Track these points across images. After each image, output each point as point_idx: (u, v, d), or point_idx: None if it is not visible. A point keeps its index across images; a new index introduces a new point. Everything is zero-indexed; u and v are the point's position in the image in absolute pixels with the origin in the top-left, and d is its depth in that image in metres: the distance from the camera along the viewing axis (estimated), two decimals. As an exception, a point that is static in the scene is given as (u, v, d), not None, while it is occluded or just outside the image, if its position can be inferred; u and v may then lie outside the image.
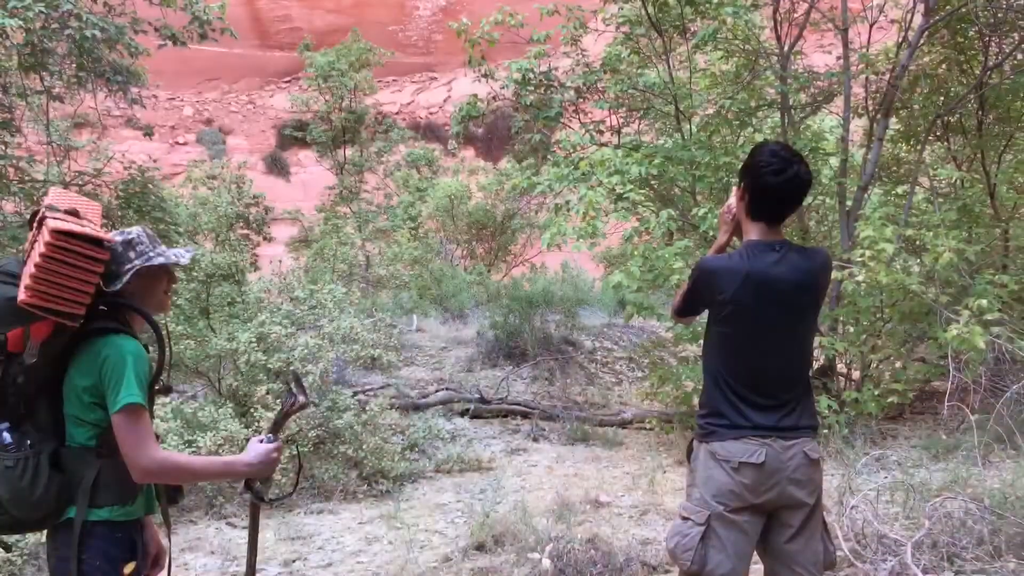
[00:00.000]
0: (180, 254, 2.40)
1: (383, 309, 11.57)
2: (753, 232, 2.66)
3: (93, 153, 13.56)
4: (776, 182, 2.55)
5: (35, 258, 2.04)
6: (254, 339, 6.50)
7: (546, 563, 4.42)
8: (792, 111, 8.76)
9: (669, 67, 8.90)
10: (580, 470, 6.96)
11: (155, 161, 10.62)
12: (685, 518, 2.64)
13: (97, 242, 2.09)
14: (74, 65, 8.68)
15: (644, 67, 9.30)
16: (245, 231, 15.47)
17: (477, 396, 8.96)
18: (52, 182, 9.25)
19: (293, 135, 23.08)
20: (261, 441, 2.36)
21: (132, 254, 2.27)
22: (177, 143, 34.35)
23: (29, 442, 2.16)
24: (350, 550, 5.17)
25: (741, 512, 2.56)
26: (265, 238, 16.79)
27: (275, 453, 2.34)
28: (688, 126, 9.11)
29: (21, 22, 7.00)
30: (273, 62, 38.34)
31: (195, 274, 7.13)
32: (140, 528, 2.30)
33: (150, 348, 2.37)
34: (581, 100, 9.21)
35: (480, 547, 4.85)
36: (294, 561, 4.99)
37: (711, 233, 7.46)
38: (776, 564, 2.66)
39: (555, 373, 10.32)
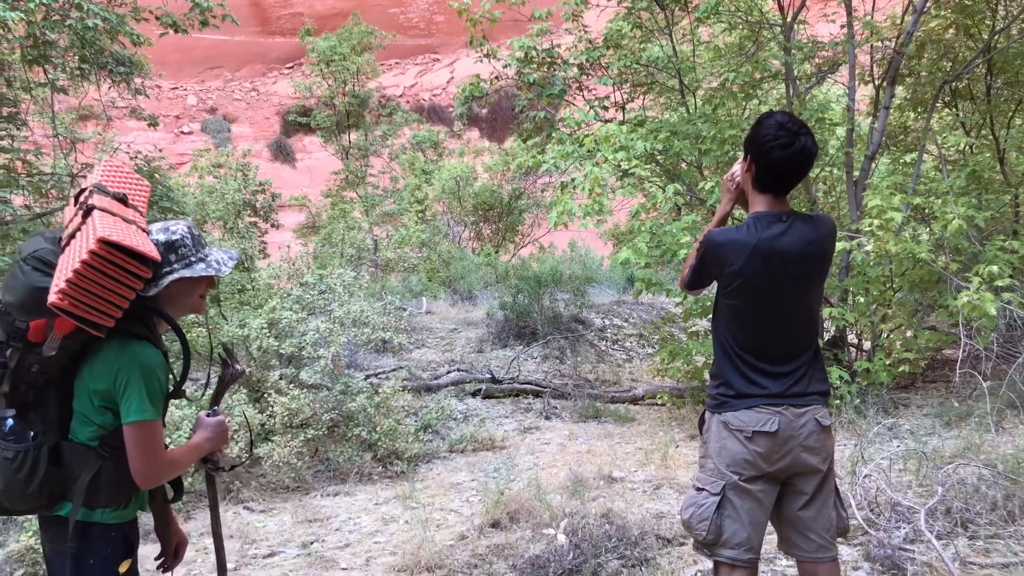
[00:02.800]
0: (223, 261, 2.33)
1: (392, 292, 11.60)
2: (759, 204, 2.66)
3: (99, 145, 13.62)
4: (783, 155, 2.54)
5: (75, 263, 1.94)
6: (265, 325, 6.54)
7: (561, 538, 4.46)
8: (797, 82, 8.69)
9: (672, 41, 8.84)
10: (593, 447, 6.99)
11: (161, 151, 10.62)
12: (699, 489, 2.66)
13: (143, 259, 2.02)
14: (77, 57, 8.68)
15: (647, 42, 9.24)
16: (253, 219, 15.51)
17: (488, 376, 8.99)
18: (60, 175, 9.30)
19: (297, 121, 23.05)
20: (208, 415, 2.40)
21: (173, 257, 2.20)
22: (182, 132, 34.35)
23: (32, 434, 2.14)
24: (367, 531, 5.22)
25: (755, 481, 2.58)
26: (273, 225, 16.80)
27: (225, 422, 2.40)
28: (693, 100, 9.07)
29: (22, 14, 7.00)
30: (275, 48, 38.22)
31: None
32: (134, 527, 2.32)
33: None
34: (584, 77, 9.16)
35: (495, 524, 4.88)
36: (312, 543, 5.04)
37: (718, 207, 7.43)
38: (790, 531, 2.68)
39: (565, 351, 10.35)
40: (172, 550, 2.56)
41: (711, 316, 2.81)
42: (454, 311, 13.47)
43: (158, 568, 2.60)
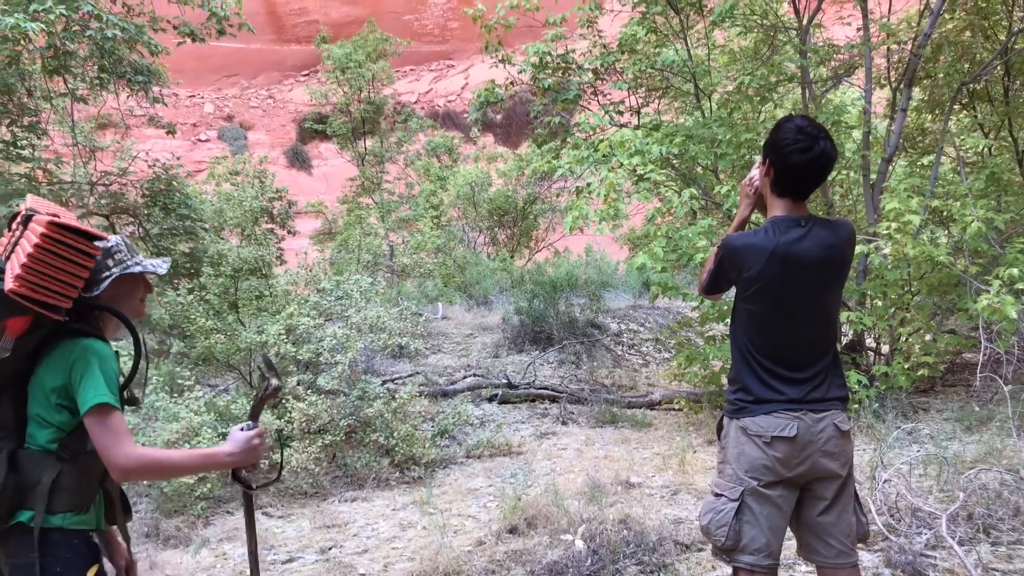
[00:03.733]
0: (157, 264, 2.40)
1: (408, 298, 11.63)
2: (778, 208, 2.65)
3: (117, 153, 13.74)
4: (803, 160, 2.53)
5: (27, 248, 2.03)
6: (283, 331, 6.58)
7: (579, 544, 4.45)
8: (813, 85, 8.66)
9: (687, 45, 8.83)
10: (610, 452, 6.97)
11: (178, 159, 10.73)
12: (718, 494, 2.65)
13: (90, 237, 2.10)
14: (96, 67, 8.79)
15: (661, 46, 9.24)
16: (270, 225, 15.60)
17: (504, 381, 8.99)
18: (80, 183, 9.41)
19: (313, 128, 23.17)
20: (242, 429, 2.32)
21: (111, 262, 2.27)
22: (199, 140, 34.61)
23: None
24: (385, 536, 5.23)
25: (774, 486, 2.56)
26: (289, 232, 16.92)
27: (256, 440, 2.30)
28: (708, 104, 9.05)
29: (43, 25, 7.10)
30: (291, 56, 38.46)
31: (223, 269, 7.20)
32: (99, 537, 2.27)
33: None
34: (599, 81, 9.17)
35: (513, 530, 4.88)
36: (330, 548, 5.06)
37: (734, 211, 7.42)
38: (810, 537, 2.66)
39: (581, 356, 10.33)
40: (124, 571, 2.50)
41: (729, 320, 2.80)
42: (470, 316, 13.48)
43: None
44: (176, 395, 6.20)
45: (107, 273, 2.26)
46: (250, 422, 2.39)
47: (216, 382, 7.78)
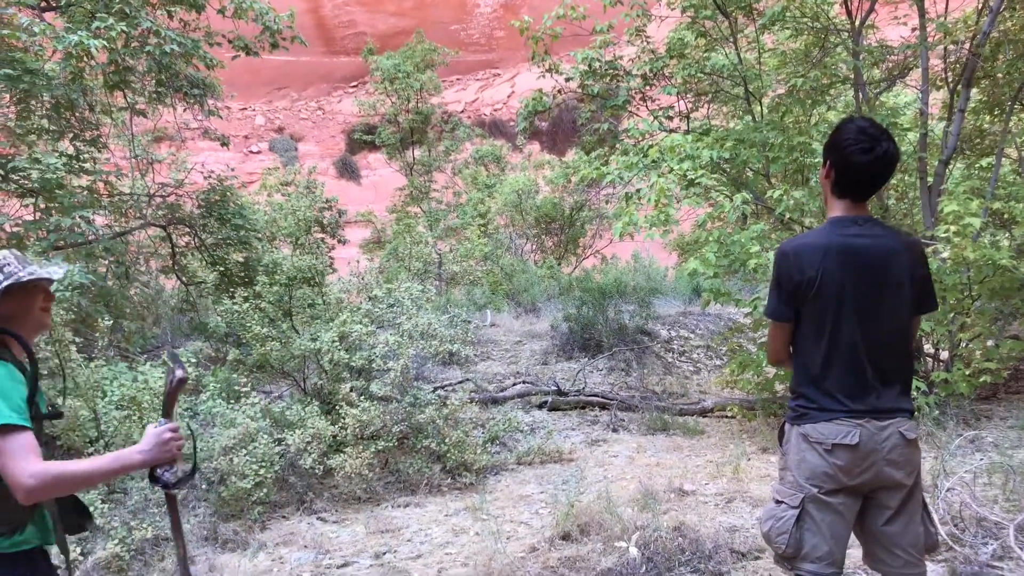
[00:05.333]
0: (52, 271, 2.35)
1: (457, 305, 11.69)
2: (837, 209, 2.62)
3: (172, 165, 14.08)
4: (865, 160, 2.51)
5: None
6: (336, 338, 6.66)
7: (633, 551, 4.42)
8: (866, 87, 8.52)
9: (737, 48, 8.76)
10: (662, 459, 6.92)
11: (232, 170, 10.94)
12: (779, 501, 2.62)
13: None
14: (154, 81, 9.02)
15: (711, 50, 9.18)
16: (320, 234, 15.83)
17: (554, 388, 8.98)
18: (139, 195, 9.65)
19: (362, 139, 23.46)
20: (156, 427, 2.26)
21: (1, 276, 2.22)
22: (251, 152, 35.27)
23: None
24: (438, 542, 5.26)
25: (836, 494, 2.53)
26: (340, 241, 17.16)
27: (167, 434, 2.24)
28: (759, 107, 8.96)
29: (104, 42, 7.31)
30: (340, 68, 39.01)
31: (278, 277, 7.33)
32: (35, 559, 2.20)
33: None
34: (648, 87, 9.14)
35: (566, 537, 4.87)
36: (384, 553, 5.10)
37: (787, 215, 7.33)
38: (875, 546, 2.61)
39: (631, 363, 10.27)
40: None
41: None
42: (518, 323, 13.48)
43: None
44: (233, 401, 6.31)
45: None
46: (162, 419, 2.33)
47: (270, 388, 7.90)
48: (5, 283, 2.21)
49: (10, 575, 2.08)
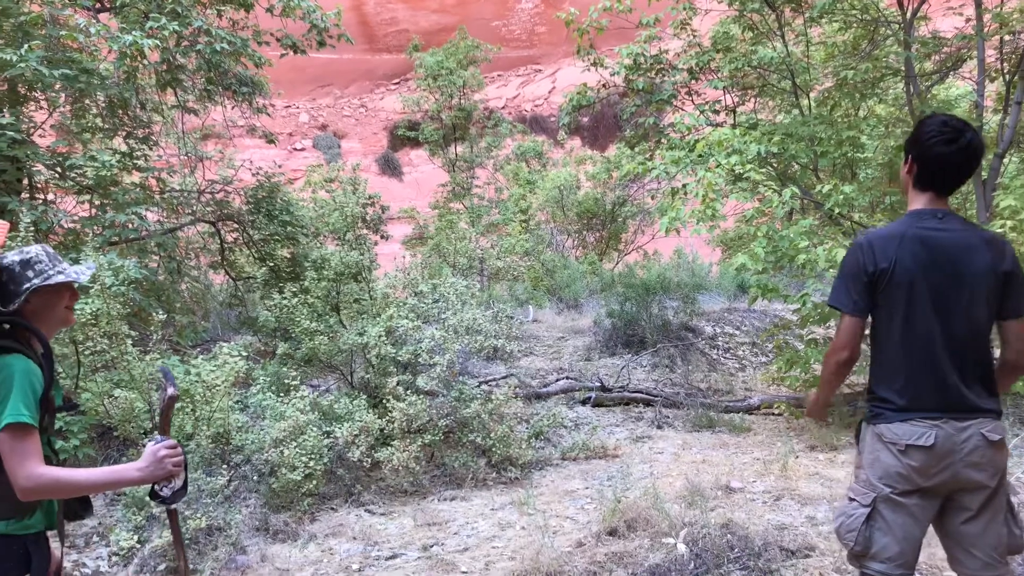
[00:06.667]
0: (80, 271, 2.39)
1: (499, 301, 11.72)
2: (918, 202, 2.60)
3: (220, 162, 14.31)
4: (949, 151, 2.49)
5: None
6: (383, 333, 6.72)
7: (681, 548, 4.41)
8: (917, 79, 8.36)
9: (784, 41, 8.64)
10: (708, 456, 6.87)
11: (279, 167, 11.10)
12: (851, 499, 2.61)
13: None
14: (204, 79, 9.18)
15: (758, 44, 9.07)
16: (363, 230, 15.94)
17: (598, 384, 8.96)
18: (189, 191, 9.83)
19: (405, 135, 23.64)
20: (154, 444, 2.32)
21: (30, 273, 2.28)
22: (295, 149, 35.67)
23: None
24: (484, 535, 5.29)
25: (910, 495, 2.49)
26: (382, 236, 17.29)
27: (163, 451, 2.30)
28: (806, 101, 8.84)
29: (157, 42, 7.45)
30: (382, 65, 39.26)
31: (326, 273, 7.41)
32: (40, 541, 2.29)
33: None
34: (694, 81, 9.06)
35: (613, 532, 4.87)
36: (431, 546, 5.15)
37: (836, 210, 7.23)
38: (954, 547, 2.57)
39: (676, 360, 10.21)
40: (52, 572, 2.48)
41: (834, 323, 2.73)
42: (560, 319, 13.48)
43: None
44: (282, 394, 6.41)
45: (26, 285, 2.27)
46: (158, 436, 2.39)
47: (317, 382, 8.00)
48: (36, 284, 2.27)
49: (3, 557, 2.18)
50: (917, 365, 2.50)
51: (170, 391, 2.48)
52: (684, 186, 7.44)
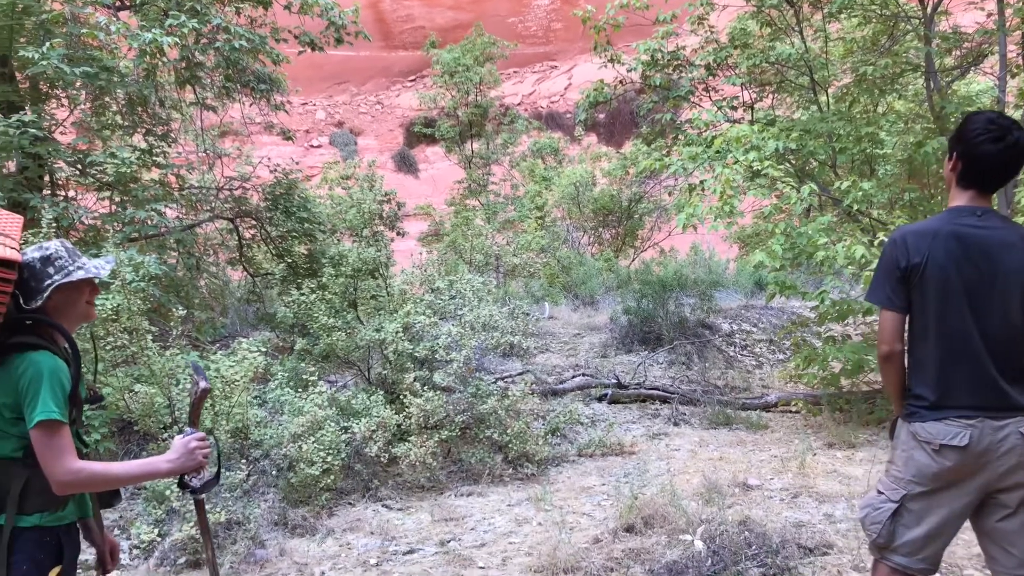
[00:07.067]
0: (100, 266, 2.40)
1: (515, 298, 11.74)
2: (959, 199, 2.58)
3: (238, 159, 14.40)
4: (995, 149, 2.47)
5: None
6: (400, 329, 6.75)
7: (699, 544, 4.40)
8: (938, 75, 8.29)
9: (803, 37, 8.60)
10: (725, 454, 6.86)
11: (297, 164, 11.14)
12: (880, 492, 2.62)
13: (4, 263, 2.13)
14: (222, 76, 9.23)
15: (775, 40, 9.03)
16: (380, 227, 15.98)
17: (614, 381, 8.96)
18: (207, 188, 9.90)
19: (422, 132, 23.71)
20: (183, 436, 2.37)
21: (51, 269, 2.28)
22: (311, 146, 35.81)
23: None
24: (501, 531, 5.31)
25: (941, 494, 2.48)
26: (399, 233, 17.34)
27: (194, 443, 2.35)
28: (825, 97, 8.79)
29: (176, 39, 7.51)
30: (398, 62, 39.34)
31: (343, 269, 7.45)
32: (71, 532, 2.34)
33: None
34: (711, 77, 9.03)
35: (630, 529, 4.87)
36: (449, 541, 5.16)
37: (854, 207, 7.19)
38: (989, 544, 2.56)
39: (692, 357, 10.18)
40: (107, 553, 2.60)
41: (850, 321, 2.73)
42: (576, 316, 13.47)
43: (97, 572, 2.65)
44: (300, 390, 6.45)
45: (48, 282, 2.27)
46: (188, 428, 2.43)
47: (335, 378, 8.04)
48: (58, 281, 2.28)
49: (36, 547, 2.22)
50: (951, 362, 2.48)
51: (202, 384, 2.52)
52: (702, 182, 7.42)
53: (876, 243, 6.37)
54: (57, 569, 2.24)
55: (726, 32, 9.28)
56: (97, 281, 2.45)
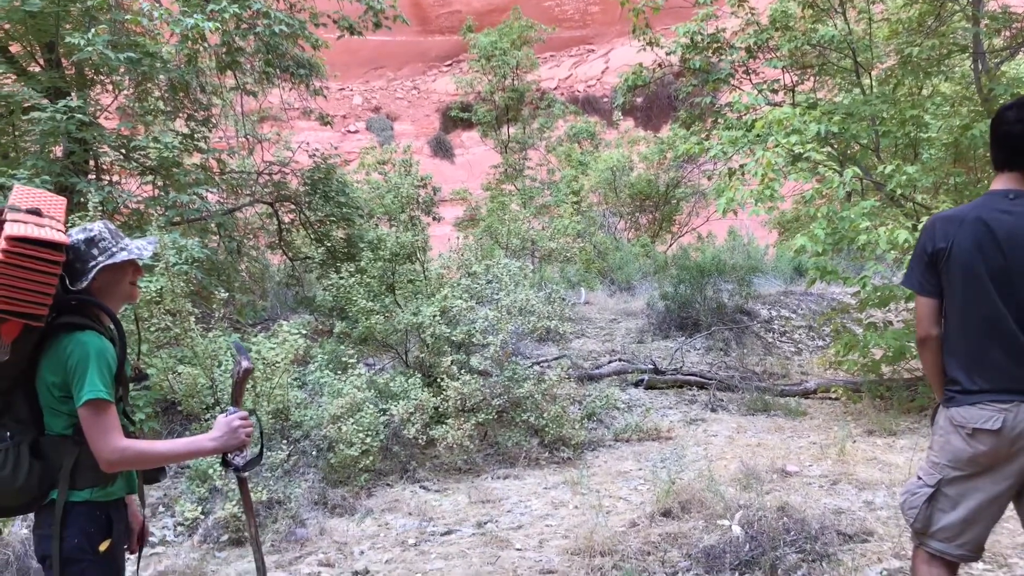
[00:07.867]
0: (143, 247, 2.43)
1: (551, 283, 11.73)
2: (997, 183, 2.56)
3: (277, 144, 14.54)
4: (1021, 129, 2.45)
5: None
6: (437, 313, 6.79)
7: (736, 530, 4.39)
8: (986, 56, 8.09)
9: (846, 19, 8.44)
10: (763, 440, 6.81)
11: (335, 148, 11.23)
12: (919, 477, 2.63)
13: (53, 246, 2.16)
14: (262, 61, 9.31)
15: (818, 21, 8.87)
16: (416, 212, 16.04)
17: (651, 367, 8.93)
18: (247, 173, 10.01)
19: (458, 116, 23.69)
20: (226, 415, 2.42)
21: (95, 251, 2.32)
22: (348, 131, 36.01)
23: (9, 434, 2.25)
24: (538, 513, 5.34)
25: (978, 478, 2.47)
26: (435, 218, 17.38)
27: (237, 422, 2.40)
28: (868, 80, 8.63)
29: (217, 24, 7.59)
30: (435, 47, 39.35)
31: (382, 253, 7.50)
32: (120, 507, 2.38)
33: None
34: (751, 60, 8.91)
35: (667, 513, 4.86)
36: (486, 523, 5.20)
37: (897, 192, 7.06)
38: None
39: (730, 343, 10.11)
40: (136, 533, 2.64)
41: (891, 307, 2.72)
42: (612, 301, 13.42)
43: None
44: (339, 372, 6.52)
45: (93, 263, 2.32)
46: (231, 407, 2.47)
47: (373, 360, 8.12)
48: (103, 263, 2.33)
49: (87, 521, 2.27)
50: (982, 346, 2.47)
51: (244, 364, 2.56)
52: (742, 166, 7.33)
53: (919, 228, 6.26)
54: (107, 543, 2.29)
55: (767, 14, 9.14)
56: (141, 263, 2.50)
